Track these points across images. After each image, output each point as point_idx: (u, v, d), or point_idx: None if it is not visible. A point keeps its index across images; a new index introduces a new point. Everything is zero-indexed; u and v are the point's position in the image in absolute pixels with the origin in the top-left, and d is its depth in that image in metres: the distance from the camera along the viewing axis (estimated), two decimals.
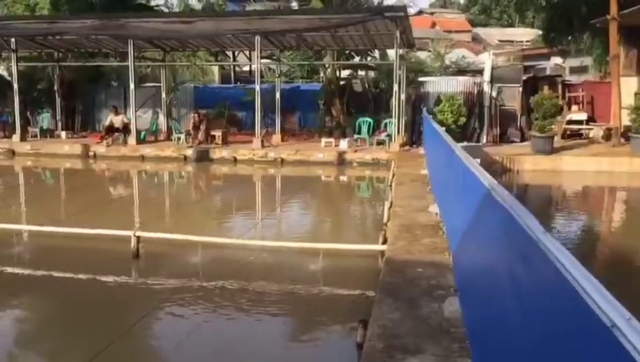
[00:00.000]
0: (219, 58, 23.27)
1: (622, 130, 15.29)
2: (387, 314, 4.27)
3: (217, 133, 16.70)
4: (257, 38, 15.44)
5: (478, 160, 5.66)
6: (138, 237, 7.00)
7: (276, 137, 16.88)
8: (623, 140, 15.08)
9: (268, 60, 21.06)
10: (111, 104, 18.76)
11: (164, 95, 18.72)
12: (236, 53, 21.95)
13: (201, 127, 16.66)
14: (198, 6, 33.30)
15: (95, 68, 20.83)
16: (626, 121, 14.96)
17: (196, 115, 16.94)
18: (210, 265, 6.93)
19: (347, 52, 19.97)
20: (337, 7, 17.61)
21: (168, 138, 17.83)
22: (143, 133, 17.58)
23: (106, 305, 5.80)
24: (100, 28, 15.54)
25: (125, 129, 17.06)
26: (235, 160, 15.45)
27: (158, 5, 25.50)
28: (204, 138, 16.58)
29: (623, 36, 16.60)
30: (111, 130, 17.05)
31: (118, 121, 17.12)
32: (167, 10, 26.17)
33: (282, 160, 15.13)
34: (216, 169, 15.33)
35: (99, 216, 9.33)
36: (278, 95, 17.27)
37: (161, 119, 18.83)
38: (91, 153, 16.25)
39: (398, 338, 3.87)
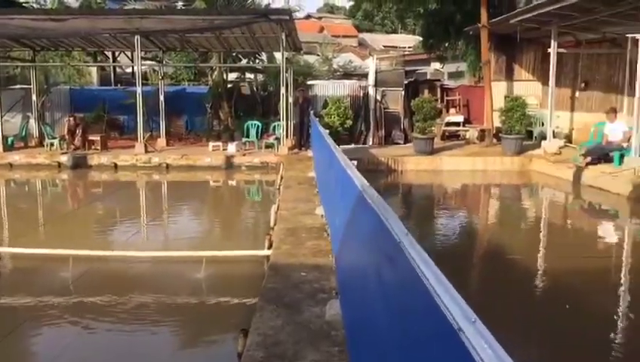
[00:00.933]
0: (99, 59, 21.97)
1: (494, 131, 16.38)
2: (268, 322, 4.16)
3: (96, 138, 15.73)
4: (137, 38, 14.74)
5: (355, 162, 5.71)
6: None
7: (161, 141, 16.23)
8: (495, 140, 16.16)
9: (152, 62, 20.20)
10: None
11: (34, 98, 17.31)
12: (117, 54, 20.82)
13: (77, 131, 15.61)
14: (75, 4, 31.28)
15: None
16: (497, 122, 16.02)
17: (72, 118, 15.84)
18: (83, 279, 6.43)
19: (234, 54, 19.68)
20: (222, 9, 17.27)
21: (40, 144, 16.50)
22: (10, 139, 16.16)
23: None
24: None
25: None
26: (116, 166, 14.62)
27: (27, 2, 23.59)
28: (81, 143, 15.54)
29: (494, 43, 17.82)
30: None
31: None
32: (39, 7, 24.28)
33: (167, 165, 14.55)
34: (95, 176, 14.42)
35: None
36: (162, 98, 16.62)
37: (32, 124, 17.40)
38: None
39: (278, 345, 3.77)
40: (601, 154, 12.32)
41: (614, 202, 10.67)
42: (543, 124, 16.27)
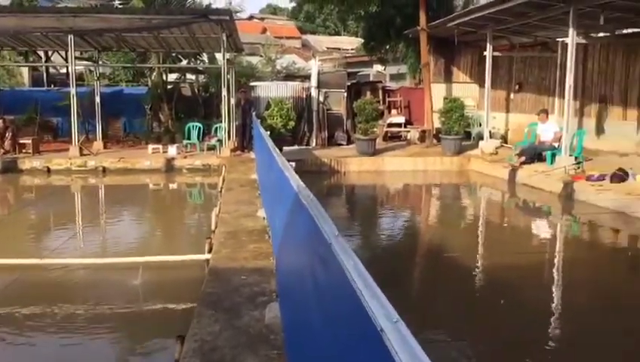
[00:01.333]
0: (30, 59, 20.98)
1: (434, 131, 16.74)
2: (206, 327, 4.07)
3: (27, 141, 15.02)
4: (70, 37, 14.19)
5: (294, 163, 5.68)
6: None
7: (97, 144, 15.69)
8: (435, 141, 16.52)
9: (87, 62, 19.47)
10: None
11: None
12: (50, 54, 19.95)
13: (7, 134, 14.87)
14: (5, 2, 29.81)
15: None
16: (437, 123, 16.39)
17: (1, 121, 15.08)
18: (10, 289, 6.11)
19: (174, 55, 19.28)
20: (160, 8, 16.88)
21: None
22: None
23: None
24: None
25: None
26: (49, 170, 13.99)
27: None
28: (11, 147, 14.81)
29: (433, 46, 18.23)
30: None
31: None
32: None
33: (104, 168, 14.06)
34: (27, 180, 13.76)
35: None
36: (98, 99, 16.08)
37: None
38: None
39: (215, 351, 3.69)
40: (535, 154, 12.80)
41: (547, 200, 11.10)
42: (480, 125, 16.77)
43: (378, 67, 27.50)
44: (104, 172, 14.03)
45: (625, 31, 13.51)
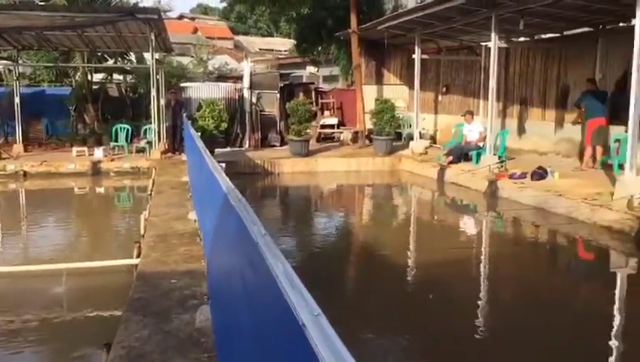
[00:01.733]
0: None
1: (366, 132, 17.02)
2: (134, 333, 3.95)
3: None
4: None
5: (224, 164, 5.63)
6: None
7: (17, 147, 14.91)
8: (367, 142, 16.79)
9: (6, 61, 18.45)
10: None
11: None
12: None
13: None
14: None
15: None
16: (369, 124, 16.67)
17: None
18: None
19: (99, 54, 18.60)
20: (84, 5, 16.24)
21: None
22: None
23: None
24: None
25: None
26: None
27: None
28: None
29: (364, 48, 18.53)
30: None
31: None
32: None
33: (25, 172, 13.37)
34: None
35: None
36: (17, 100, 15.29)
37: None
38: None
39: (143, 357, 3.59)
40: (462, 154, 13.27)
41: (473, 197, 11.53)
42: (410, 126, 17.20)
43: (311, 69, 27.67)
44: (25, 176, 13.35)
45: (543, 36, 14.24)
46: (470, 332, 5.07)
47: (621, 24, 11.59)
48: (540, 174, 10.78)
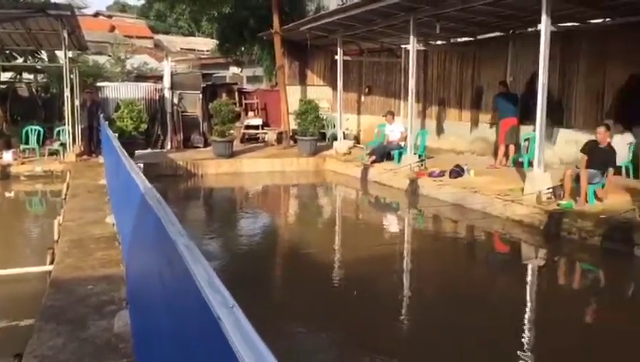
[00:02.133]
0: None
1: (291, 133, 17.06)
2: (47, 342, 3.76)
3: None
4: None
5: (141, 165, 5.46)
6: None
7: None
8: (292, 142, 16.83)
9: None
10: None
11: None
12: None
13: None
14: None
15: None
16: (293, 125, 16.71)
17: None
18: None
19: (7, 52, 17.52)
20: None
21: None
22: None
23: None
24: None
25: None
26: None
27: None
28: None
29: (287, 49, 18.56)
30: None
31: None
32: None
33: None
34: None
35: None
36: None
37: None
38: None
39: None
40: (384, 153, 13.59)
41: (395, 195, 11.83)
42: (334, 126, 17.40)
43: (234, 69, 27.38)
44: None
45: (459, 40, 14.85)
46: (392, 326, 5.20)
47: (529, 29, 12.28)
48: (457, 172, 11.22)
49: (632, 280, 6.86)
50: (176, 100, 17.33)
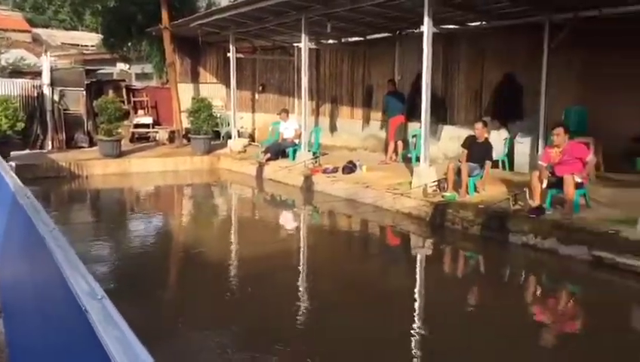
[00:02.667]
0: None
1: (184, 132, 16.62)
2: None
3: None
4: None
5: (13, 164, 5.11)
6: None
7: None
8: (185, 141, 16.42)
9: None
10: None
11: None
12: None
13: None
14: None
15: None
16: (186, 123, 16.30)
17: None
18: None
19: None
20: None
21: None
22: None
23: None
24: None
25: None
26: None
27: None
28: None
29: (178, 46, 18.04)
30: None
31: None
32: None
33: None
34: None
35: None
36: None
37: None
38: None
39: None
40: (279, 151, 13.65)
41: (291, 192, 11.92)
42: (228, 125, 17.21)
43: (122, 66, 26.17)
44: None
45: (350, 39, 15.24)
46: (288, 320, 5.23)
47: (414, 30, 12.88)
48: (349, 168, 11.51)
49: (506, 265, 7.42)
50: (57, 98, 16.26)
